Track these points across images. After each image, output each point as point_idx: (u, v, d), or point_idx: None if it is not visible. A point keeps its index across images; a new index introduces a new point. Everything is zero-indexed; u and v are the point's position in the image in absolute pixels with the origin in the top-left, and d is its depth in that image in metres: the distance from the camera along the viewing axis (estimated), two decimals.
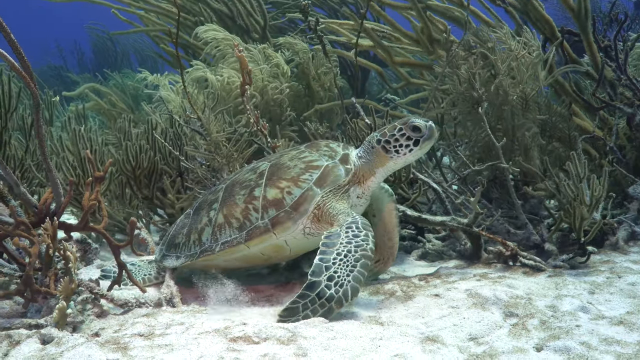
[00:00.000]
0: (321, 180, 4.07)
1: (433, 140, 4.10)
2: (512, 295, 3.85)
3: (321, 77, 7.88)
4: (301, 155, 4.24)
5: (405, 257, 5.08)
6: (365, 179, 4.20)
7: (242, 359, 2.95)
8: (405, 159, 4.12)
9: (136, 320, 3.62)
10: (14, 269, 3.95)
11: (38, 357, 3.05)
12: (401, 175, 4.80)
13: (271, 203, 4.07)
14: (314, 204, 4.03)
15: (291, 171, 4.14)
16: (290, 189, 4.07)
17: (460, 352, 3.12)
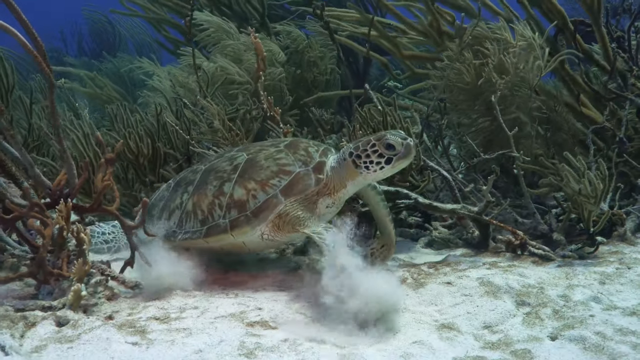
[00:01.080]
0: (288, 189, 3.95)
1: (409, 159, 3.91)
2: (524, 284, 3.86)
3: (318, 64, 7.86)
4: (277, 156, 4.11)
5: (412, 245, 5.07)
6: (337, 191, 4.07)
7: (263, 344, 2.95)
8: (375, 175, 3.94)
9: (148, 303, 3.60)
10: (25, 250, 3.92)
11: (55, 339, 3.03)
12: (411, 163, 4.77)
13: (236, 203, 3.99)
14: (275, 213, 3.94)
15: (262, 172, 4.03)
16: (256, 193, 3.97)
17: (476, 340, 3.14)
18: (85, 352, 2.88)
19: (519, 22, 5.85)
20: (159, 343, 2.98)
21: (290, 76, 7.54)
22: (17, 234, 3.80)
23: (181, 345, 2.95)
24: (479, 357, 2.93)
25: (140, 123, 5.71)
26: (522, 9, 6.30)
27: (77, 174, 3.94)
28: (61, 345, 2.96)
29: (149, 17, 10.36)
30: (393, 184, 4.71)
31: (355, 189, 4.12)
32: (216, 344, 2.95)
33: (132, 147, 5.50)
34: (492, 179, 4.48)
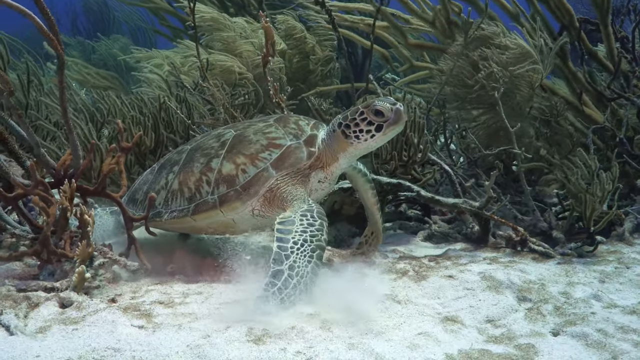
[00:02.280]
0: (279, 162, 3.86)
1: (400, 125, 3.79)
2: (525, 280, 3.89)
3: (317, 53, 7.85)
4: (266, 130, 4.03)
5: (411, 238, 5.09)
6: (329, 164, 3.97)
7: (271, 331, 2.94)
8: (367, 145, 3.84)
9: (150, 288, 3.60)
10: (25, 230, 3.89)
11: (59, 320, 3.01)
12: (415, 156, 4.78)
13: (224, 178, 3.90)
14: (266, 187, 3.86)
15: (252, 147, 3.94)
16: (245, 167, 3.88)
17: (480, 334, 3.15)
18: (91, 334, 2.86)
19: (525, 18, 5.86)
20: (166, 327, 2.97)
21: (289, 65, 7.52)
22: (19, 213, 3.77)
23: (188, 329, 2.94)
24: (484, 350, 2.93)
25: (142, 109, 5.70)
26: (528, 4, 6.32)
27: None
28: (66, 326, 2.95)
29: (147, 5, 10.33)
30: (395, 176, 4.70)
31: (347, 162, 4.01)
32: (223, 329, 2.95)
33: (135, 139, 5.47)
34: (495, 174, 4.48)
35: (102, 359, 2.62)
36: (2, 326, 2.89)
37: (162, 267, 3.92)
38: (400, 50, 7.35)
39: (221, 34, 7.50)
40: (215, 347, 2.75)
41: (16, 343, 2.73)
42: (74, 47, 12.18)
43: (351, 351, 2.78)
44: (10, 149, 3.89)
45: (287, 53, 7.76)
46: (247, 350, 2.73)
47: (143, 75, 7.70)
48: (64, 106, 3.65)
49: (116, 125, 4.23)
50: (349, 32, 8.00)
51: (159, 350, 2.71)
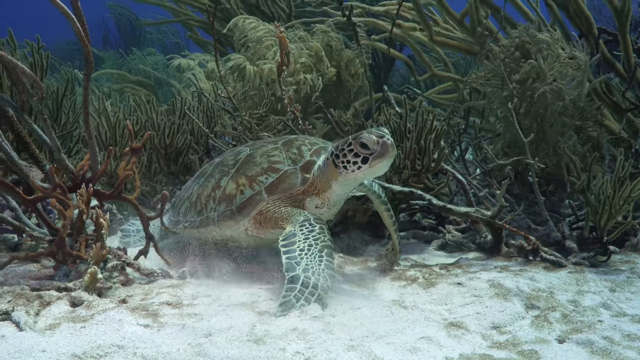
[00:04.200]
0: (273, 186, 3.96)
1: (387, 158, 3.70)
2: (534, 288, 3.89)
3: (349, 66, 7.89)
4: (271, 153, 4.14)
5: (425, 247, 5.10)
6: (324, 191, 3.99)
7: (272, 332, 3.00)
8: (355, 175, 3.79)
9: (161, 290, 3.66)
10: (43, 233, 3.99)
11: (68, 319, 3.09)
12: (429, 165, 4.80)
13: (226, 197, 4.05)
14: (257, 209, 3.97)
15: (254, 168, 4.06)
16: (244, 188, 4.02)
17: (484, 339, 3.15)
18: (98, 331, 2.94)
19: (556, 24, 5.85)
20: (170, 326, 3.04)
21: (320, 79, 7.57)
22: (37, 216, 3.87)
23: (191, 329, 3.01)
24: (486, 355, 2.94)
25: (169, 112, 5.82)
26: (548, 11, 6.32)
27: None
28: (74, 324, 3.02)
29: (179, 19, 10.48)
30: (408, 185, 4.73)
31: (343, 190, 4.01)
32: (225, 329, 3.01)
33: (166, 137, 5.60)
34: (506, 183, 4.49)
35: (105, 355, 2.69)
36: (13, 322, 2.99)
37: (175, 270, 3.99)
38: (422, 57, 7.38)
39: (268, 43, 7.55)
40: (216, 346, 2.81)
41: (24, 338, 2.81)
42: (108, 60, 12.37)
43: (350, 352, 2.81)
44: (31, 153, 4.00)
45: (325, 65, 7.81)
46: (246, 350, 2.78)
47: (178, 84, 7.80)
48: (86, 110, 3.75)
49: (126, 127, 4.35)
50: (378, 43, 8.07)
51: (160, 347, 2.78)
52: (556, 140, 5.52)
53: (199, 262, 4.11)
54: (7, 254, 4.25)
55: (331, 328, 3.10)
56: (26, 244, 4.33)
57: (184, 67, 7.98)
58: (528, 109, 5.53)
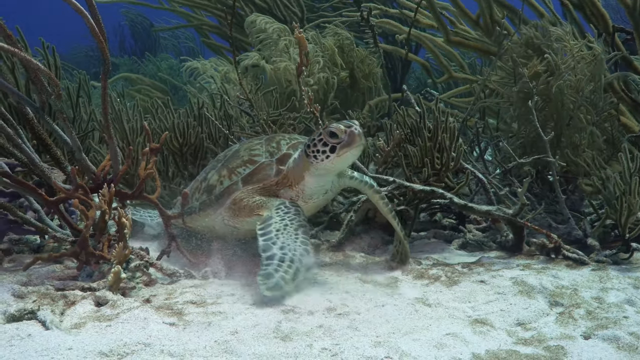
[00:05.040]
0: (249, 177, 4.08)
1: (354, 147, 3.78)
2: (558, 285, 3.86)
3: (362, 66, 7.89)
4: (253, 147, 4.27)
5: (445, 246, 5.08)
6: (297, 183, 4.07)
7: (298, 328, 2.99)
8: (325, 165, 3.87)
9: (185, 290, 3.66)
10: (66, 234, 4.01)
11: (94, 318, 3.10)
12: (448, 164, 4.78)
13: (209, 187, 4.22)
14: (231, 198, 4.09)
15: (236, 161, 4.22)
16: (223, 179, 4.17)
17: (509, 336, 3.14)
18: (124, 330, 2.94)
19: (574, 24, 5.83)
20: (195, 324, 3.04)
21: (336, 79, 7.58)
22: (60, 217, 3.89)
23: (217, 326, 3.01)
24: (512, 351, 2.93)
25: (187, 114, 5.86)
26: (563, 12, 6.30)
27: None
28: (100, 323, 3.03)
29: (192, 24, 10.54)
30: (429, 185, 4.71)
31: (316, 182, 4.07)
32: (251, 327, 3.01)
33: (178, 136, 5.62)
34: (528, 181, 4.46)
35: (132, 352, 2.69)
36: (39, 321, 2.99)
37: (198, 270, 3.99)
38: (440, 59, 7.37)
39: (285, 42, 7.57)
40: (243, 343, 2.80)
41: (51, 337, 2.81)
42: (123, 66, 12.42)
43: (377, 348, 2.81)
44: (52, 154, 4.02)
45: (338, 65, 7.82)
46: (273, 346, 2.78)
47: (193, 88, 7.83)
48: (106, 111, 3.76)
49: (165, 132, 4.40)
50: (391, 46, 8.08)
51: (187, 345, 2.78)
52: (574, 138, 5.49)
53: (222, 261, 4.11)
54: (30, 255, 4.27)
55: (357, 325, 3.10)
56: (49, 245, 4.34)
57: (201, 70, 7.99)
58: (543, 105, 5.49)
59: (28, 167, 4.00)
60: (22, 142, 3.87)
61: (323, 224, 5.20)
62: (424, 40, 7.38)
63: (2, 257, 4.05)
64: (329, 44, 7.55)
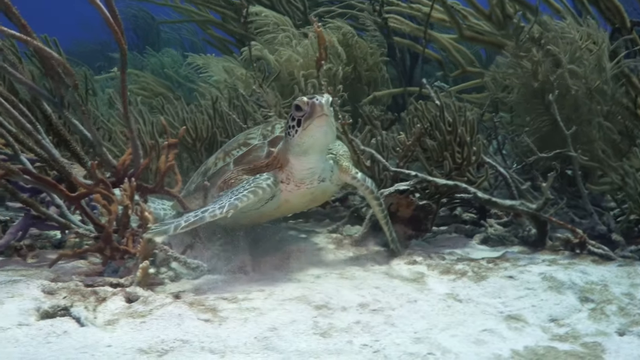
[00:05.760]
0: (240, 158, 4.07)
1: (316, 118, 3.58)
2: (587, 281, 3.83)
3: (367, 60, 7.86)
4: (251, 132, 4.31)
5: (467, 241, 5.03)
6: (284, 165, 3.91)
7: (336, 325, 2.96)
8: (296, 141, 3.71)
9: (212, 285, 3.61)
10: (88, 229, 3.95)
11: (126, 314, 3.05)
12: (469, 158, 4.73)
13: (205, 170, 4.29)
14: (222, 178, 4.09)
15: (233, 144, 4.26)
16: (218, 161, 4.22)
17: (544, 332, 3.12)
18: (159, 326, 2.90)
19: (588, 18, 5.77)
20: (232, 320, 3.00)
21: (342, 72, 7.54)
22: (82, 212, 3.84)
23: (254, 323, 2.97)
24: (550, 347, 2.91)
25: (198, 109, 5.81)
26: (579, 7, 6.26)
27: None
28: (133, 319, 2.99)
29: (195, 19, 10.49)
30: (451, 179, 4.67)
31: (300, 164, 3.87)
32: (289, 323, 2.97)
33: (191, 131, 5.58)
34: (552, 176, 4.42)
35: (171, 349, 2.66)
36: (73, 318, 2.95)
37: (222, 265, 3.95)
38: (453, 54, 7.34)
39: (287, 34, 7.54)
40: (283, 339, 2.77)
41: (87, 333, 2.77)
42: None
43: (418, 345, 2.78)
44: (72, 149, 3.96)
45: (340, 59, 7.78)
46: (314, 343, 2.75)
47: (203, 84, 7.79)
48: (125, 104, 3.72)
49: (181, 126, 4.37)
50: (401, 39, 8.04)
51: (226, 341, 2.74)
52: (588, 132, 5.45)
53: (247, 256, 4.06)
54: (52, 250, 4.23)
55: (393, 321, 3.07)
56: (70, 240, 4.29)
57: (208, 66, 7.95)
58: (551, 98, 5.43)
59: (47, 162, 3.94)
60: (42, 137, 3.81)
61: (344, 219, 5.15)
62: (435, 36, 7.33)
63: (27, 252, 4.00)
64: (328, 37, 7.51)
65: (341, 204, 5.55)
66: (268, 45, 7.49)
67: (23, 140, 3.88)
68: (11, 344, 2.66)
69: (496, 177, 5.46)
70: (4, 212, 4.85)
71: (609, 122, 5.57)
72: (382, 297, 3.44)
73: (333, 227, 5.07)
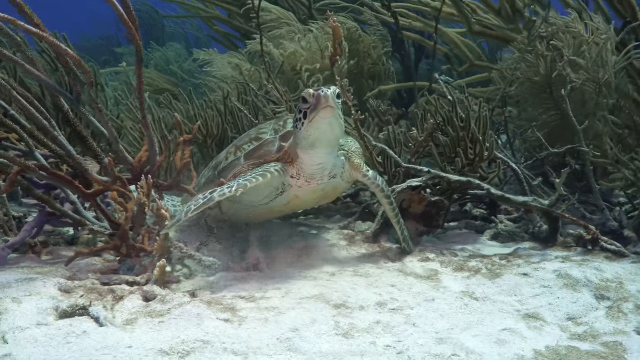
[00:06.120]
0: (251, 152, 4.05)
1: (322, 111, 3.54)
2: (602, 278, 3.81)
3: (371, 54, 7.83)
4: (263, 126, 4.31)
5: (477, 237, 5.02)
6: (295, 159, 3.88)
7: (357, 325, 2.95)
8: (303, 134, 3.68)
9: (227, 283, 3.60)
10: (103, 226, 3.94)
11: (144, 313, 3.04)
12: (482, 154, 4.71)
13: (216, 165, 4.28)
14: (232, 172, 4.03)
15: (244, 139, 4.24)
16: (229, 155, 4.18)
17: (562, 331, 3.11)
18: (178, 326, 2.88)
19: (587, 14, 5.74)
20: (252, 320, 2.98)
21: (346, 66, 7.51)
22: (97, 209, 3.81)
23: (274, 323, 2.95)
24: (571, 347, 2.90)
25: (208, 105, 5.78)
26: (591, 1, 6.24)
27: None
28: (152, 319, 2.98)
29: (200, 15, 10.45)
30: (464, 175, 4.65)
31: (310, 159, 3.84)
32: (309, 323, 2.95)
33: (202, 127, 5.57)
34: (566, 171, 4.40)
35: (192, 350, 2.64)
36: (91, 317, 2.93)
37: (235, 262, 3.93)
38: (461, 49, 7.31)
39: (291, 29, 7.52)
40: (306, 340, 2.76)
41: (107, 334, 2.76)
42: (128, 55, 12.22)
43: (441, 345, 2.77)
44: (88, 145, 3.94)
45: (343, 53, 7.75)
46: (337, 344, 2.73)
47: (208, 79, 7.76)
48: (142, 100, 3.69)
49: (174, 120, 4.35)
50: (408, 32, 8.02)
51: (248, 342, 2.72)
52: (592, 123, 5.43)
53: (261, 253, 4.04)
54: (65, 247, 4.22)
55: (413, 320, 3.06)
56: (83, 237, 4.27)
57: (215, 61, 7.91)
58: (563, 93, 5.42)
59: (61, 158, 3.92)
60: (57, 133, 3.78)
61: (355, 215, 5.14)
62: (443, 31, 7.30)
63: (41, 249, 3.98)
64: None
65: (352, 200, 5.52)
66: (272, 39, 7.47)
67: (37, 136, 3.86)
68: (31, 344, 2.65)
69: (505, 172, 5.44)
70: (16, 208, 4.83)
71: (615, 116, 5.57)
72: (398, 296, 3.43)
73: (344, 223, 5.05)
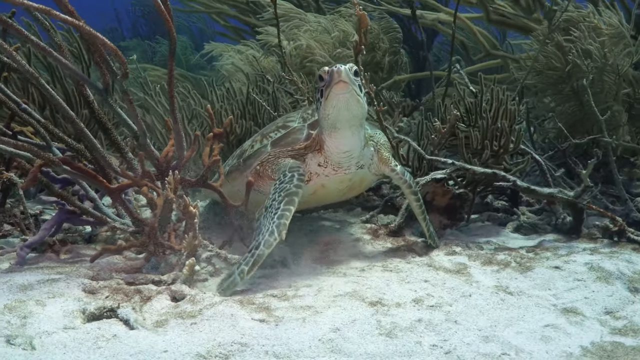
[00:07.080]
0: (278, 140, 3.99)
1: (335, 87, 3.44)
2: (634, 271, 3.75)
3: (381, 45, 7.77)
4: (291, 114, 4.28)
5: (500, 229, 4.95)
6: (322, 147, 3.82)
7: (399, 324, 2.86)
8: (323, 115, 3.61)
9: (255, 280, 3.52)
10: (125, 223, 3.85)
11: (175, 314, 2.95)
12: (507, 146, 4.64)
13: (241, 153, 4.22)
14: (258, 160, 3.99)
15: (271, 127, 4.21)
16: (255, 143, 4.14)
17: (602, 326, 3.03)
18: (212, 328, 2.79)
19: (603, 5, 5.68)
20: (289, 320, 2.89)
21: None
22: (121, 205, 3.72)
23: (313, 323, 2.85)
24: (616, 342, 2.83)
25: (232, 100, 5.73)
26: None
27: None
28: (183, 320, 2.88)
29: (209, 11, 10.39)
30: (488, 167, 4.58)
31: (336, 146, 3.77)
32: (349, 323, 2.86)
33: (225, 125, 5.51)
34: (593, 162, 4.33)
35: (230, 354, 2.54)
36: (120, 320, 2.83)
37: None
38: (477, 37, 7.24)
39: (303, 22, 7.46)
40: (349, 341, 2.67)
41: (139, 337, 2.66)
42: (134, 49, 12.13)
43: (488, 344, 2.69)
44: (113, 139, 3.84)
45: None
46: (382, 345, 2.65)
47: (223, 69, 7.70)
48: (172, 93, 3.60)
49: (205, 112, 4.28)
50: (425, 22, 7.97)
51: (289, 344, 2.63)
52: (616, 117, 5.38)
53: (286, 249, 3.96)
54: (84, 245, 4.12)
55: (454, 318, 2.98)
56: (101, 235, 4.18)
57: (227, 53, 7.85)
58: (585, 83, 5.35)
59: (79, 152, 3.83)
60: (83, 127, 3.68)
61: (378, 208, 5.06)
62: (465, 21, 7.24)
63: (60, 248, 3.89)
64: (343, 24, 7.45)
65: (374, 193, 5.45)
66: (282, 32, 7.41)
67: (52, 130, 3.77)
68: (60, 350, 2.54)
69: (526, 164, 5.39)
70: (30, 205, 4.73)
71: (633, 107, 5.52)
72: (433, 292, 3.35)
73: (367, 216, 4.98)
